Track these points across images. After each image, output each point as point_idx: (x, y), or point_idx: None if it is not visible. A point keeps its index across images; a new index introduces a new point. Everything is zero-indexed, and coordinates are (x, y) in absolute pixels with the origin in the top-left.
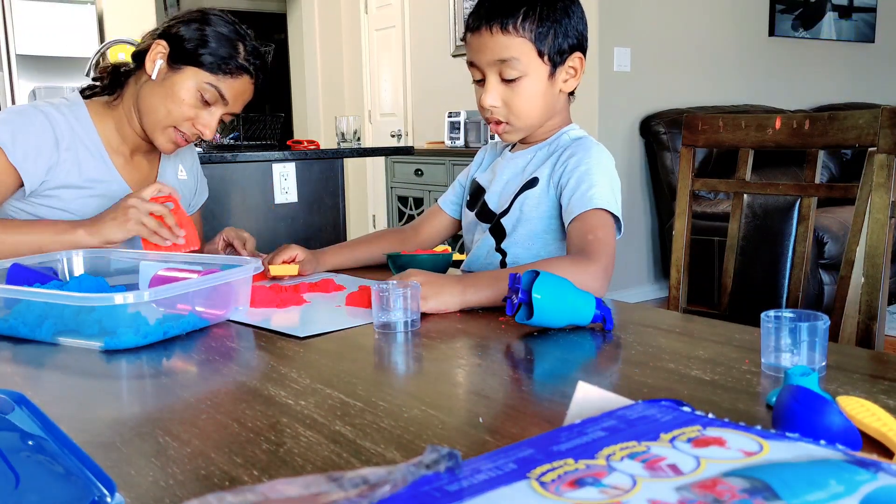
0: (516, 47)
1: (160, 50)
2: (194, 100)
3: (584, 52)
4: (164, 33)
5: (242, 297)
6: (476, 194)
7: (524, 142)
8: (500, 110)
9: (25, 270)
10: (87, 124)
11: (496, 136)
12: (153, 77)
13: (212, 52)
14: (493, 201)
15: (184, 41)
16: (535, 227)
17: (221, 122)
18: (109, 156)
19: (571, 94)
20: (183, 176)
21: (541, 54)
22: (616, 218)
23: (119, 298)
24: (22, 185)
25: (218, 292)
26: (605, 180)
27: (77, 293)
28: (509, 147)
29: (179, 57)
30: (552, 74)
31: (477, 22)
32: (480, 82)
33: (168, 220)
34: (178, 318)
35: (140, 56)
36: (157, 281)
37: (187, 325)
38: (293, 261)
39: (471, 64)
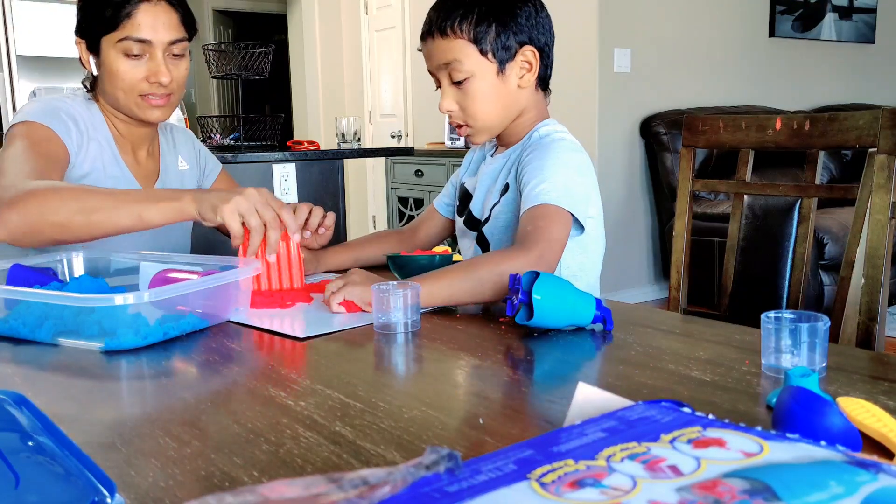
0: (457, 49)
1: (82, 47)
2: (127, 63)
3: (538, 46)
4: (76, 30)
5: (242, 298)
6: (464, 200)
7: (503, 143)
8: (458, 114)
9: (25, 271)
10: (99, 119)
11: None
12: (96, 73)
13: (97, 14)
14: (477, 209)
15: (84, 25)
16: (514, 235)
17: (177, 56)
18: (119, 152)
19: (546, 88)
20: (184, 166)
21: (483, 53)
22: (575, 215)
23: (119, 299)
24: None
25: (218, 293)
26: (559, 176)
27: (77, 294)
28: (492, 150)
29: (91, 41)
30: (501, 71)
31: (423, 32)
32: (439, 89)
33: (271, 235)
34: (178, 318)
35: (82, 63)
36: (158, 282)
37: (187, 326)
38: None
39: (430, 73)
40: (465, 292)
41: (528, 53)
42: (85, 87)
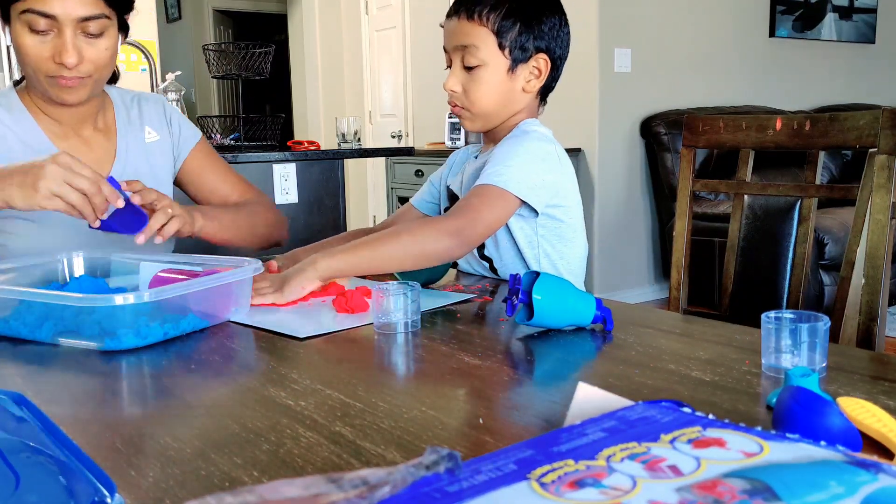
0: (478, 35)
1: None
2: (31, 38)
3: (552, 57)
4: None
5: (243, 298)
6: (452, 201)
7: (489, 140)
8: (459, 96)
9: None
10: (20, 115)
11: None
12: (8, 43)
13: None
14: None
15: None
16: (504, 229)
17: (92, 35)
18: (53, 142)
19: (544, 100)
20: (152, 137)
21: (501, 46)
22: (524, 199)
23: (119, 299)
24: None
25: (218, 293)
26: (515, 161)
27: (77, 294)
28: (476, 152)
29: (3, 9)
30: (512, 69)
31: (451, 9)
32: (448, 69)
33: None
34: (179, 318)
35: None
36: (158, 282)
37: (188, 326)
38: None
39: (445, 50)
40: (383, 260)
41: (541, 61)
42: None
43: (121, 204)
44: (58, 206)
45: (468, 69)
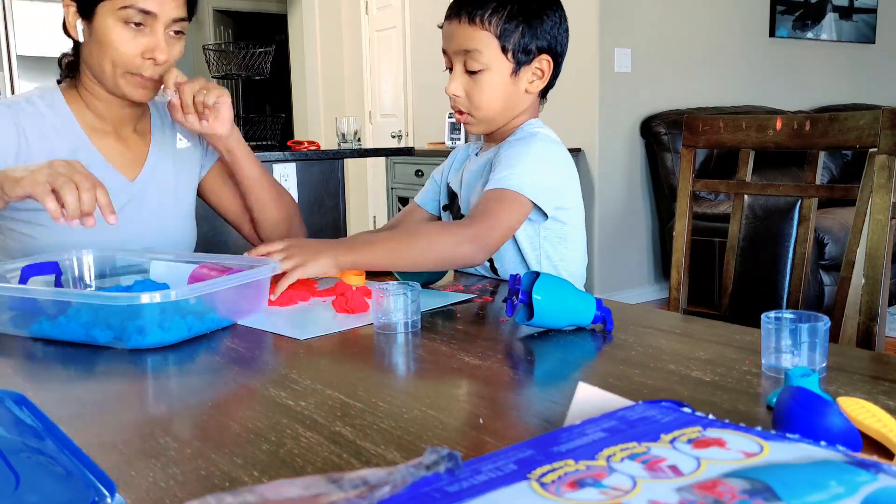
0: (480, 40)
1: (71, 11)
2: (125, 34)
3: (554, 56)
4: None
5: (262, 298)
6: (452, 198)
7: (490, 140)
8: (462, 101)
9: (38, 268)
10: (62, 111)
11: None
12: (81, 39)
13: None
14: (465, 207)
15: None
16: None
17: (177, 34)
18: (92, 140)
19: (544, 96)
20: (183, 144)
21: (504, 50)
22: (536, 203)
23: (146, 298)
24: None
25: (242, 292)
26: (525, 165)
27: (104, 293)
28: (477, 150)
29: (85, 4)
30: (515, 72)
31: (450, 11)
32: (450, 70)
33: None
34: (204, 316)
35: (66, 29)
36: (195, 278)
37: (212, 324)
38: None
39: (444, 52)
40: (403, 259)
41: (544, 62)
42: (60, 66)
43: (113, 221)
44: (39, 190)
45: (470, 73)
